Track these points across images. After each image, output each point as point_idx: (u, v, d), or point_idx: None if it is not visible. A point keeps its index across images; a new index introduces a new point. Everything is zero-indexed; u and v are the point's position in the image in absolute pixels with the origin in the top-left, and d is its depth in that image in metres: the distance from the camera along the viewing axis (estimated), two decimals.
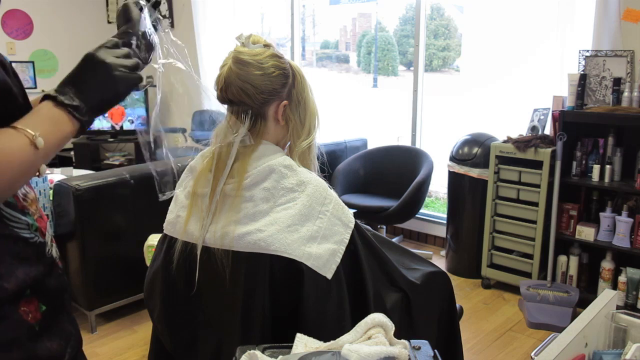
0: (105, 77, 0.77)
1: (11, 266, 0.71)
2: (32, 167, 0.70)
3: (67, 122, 0.74)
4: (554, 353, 0.97)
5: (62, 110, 0.74)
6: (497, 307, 3.01)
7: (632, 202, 2.76)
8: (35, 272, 0.74)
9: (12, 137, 0.68)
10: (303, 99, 1.24)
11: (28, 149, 0.68)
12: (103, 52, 0.78)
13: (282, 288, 1.12)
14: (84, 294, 2.70)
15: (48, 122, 0.72)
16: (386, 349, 0.82)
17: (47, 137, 0.71)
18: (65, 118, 0.74)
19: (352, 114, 7.11)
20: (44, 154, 0.71)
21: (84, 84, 0.76)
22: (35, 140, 0.69)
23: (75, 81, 0.76)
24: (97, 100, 0.77)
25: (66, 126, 0.74)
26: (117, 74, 0.78)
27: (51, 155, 0.74)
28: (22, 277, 0.72)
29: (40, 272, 0.75)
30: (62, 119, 0.74)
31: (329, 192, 1.19)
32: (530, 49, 3.19)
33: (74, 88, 0.75)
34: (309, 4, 6.88)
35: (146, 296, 1.34)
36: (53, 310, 0.78)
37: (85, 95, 0.76)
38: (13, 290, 0.71)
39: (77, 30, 5.13)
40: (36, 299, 0.75)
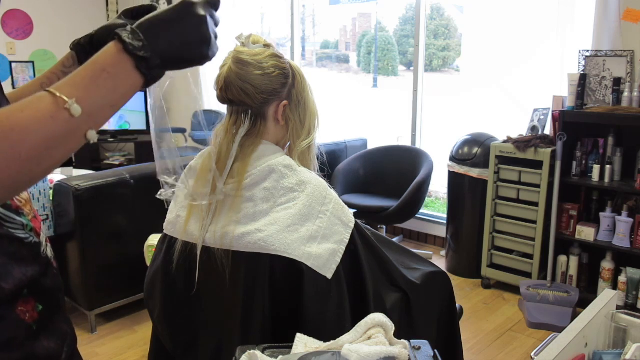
0: (192, 31, 0.68)
1: (8, 266, 0.70)
2: (71, 137, 0.61)
3: (130, 75, 0.64)
4: (554, 353, 0.97)
5: (127, 60, 0.64)
6: (497, 307, 3.01)
7: (632, 202, 2.76)
8: (32, 272, 0.74)
9: (42, 103, 0.59)
10: (303, 99, 1.24)
11: (62, 116, 0.59)
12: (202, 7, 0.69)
13: (282, 288, 1.12)
14: (84, 294, 2.70)
15: (103, 74, 0.62)
16: (386, 349, 0.82)
17: (96, 96, 0.62)
18: (128, 70, 0.64)
19: (352, 114, 7.11)
20: (86, 119, 0.60)
21: (163, 30, 0.66)
22: (70, 108, 0.59)
23: (154, 24, 0.66)
24: (171, 55, 0.67)
25: (127, 80, 0.64)
26: (207, 34, 0.69)
27: (103, 118, 0.64)
28: (19, 277, 0.72)
29: (37, 272, 0.75)
30: (123, 71, 0.64)
31: (329, 192, 1.19)
32: (530, 49, 3.19)
33: (148, 32, 0.65)
34: (309, 4, 6.87)
35: (146, 296, 1.34)
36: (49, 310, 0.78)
37: (159, 45, 0.65)
38: (11, 290, 0.70)
39: (77, 30, 5.12)
40: (33, 299, 0.75)
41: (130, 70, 0.64)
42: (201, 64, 0.73)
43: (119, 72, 0.63)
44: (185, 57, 0.70)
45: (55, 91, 0.59)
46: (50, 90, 0.59)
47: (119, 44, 0.64)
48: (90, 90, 0.62)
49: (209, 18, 0.69)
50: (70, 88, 0.60)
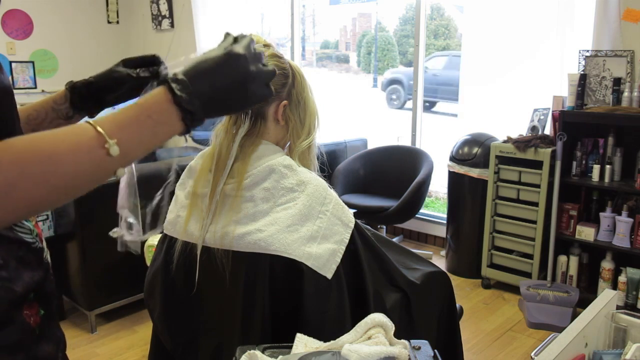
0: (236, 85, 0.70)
1: (17, 270, 0.71)
2: (102, 174, 0.61)
3: (174, 125, 0.65)
4: (554, 353, 0.97)
5: (175, 111, 0.65)
6: (497, 307, 3.01)
7: (632, 202, 2.76)
8: (38, 277, 0.75)
9: (83, 138, 0.59)
10: (303, 98, 1.24)
11: (98, 154, 0.59)
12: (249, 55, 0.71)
13: (282, 288, 1.12)
14: (84, 294, 2.70)
15: (147, 121, 0.63)
16: (386, 349, 0.82)
17: (136, 139, 0.62)
18: (174, 120, 0.65)
19: (352, 114, 7.11)
20: (120, 159, 0.61)
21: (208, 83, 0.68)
22: (110, 148, 0.59)
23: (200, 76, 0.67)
24: (214, 107, 0.69)
25: (170, 129, 0.65)
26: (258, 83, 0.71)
27: (135, 158, 0.64)
28: (28, 280, 0.72)
29: (41, 277, 0.76)
30: (168, 120, 0.65)
31: (329, 192, 1.19)
32: (530, 49, 3.19)
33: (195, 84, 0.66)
34: (309, 4, 6.87)
35: (146, 296, 1.34)
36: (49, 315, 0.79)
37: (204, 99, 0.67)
38: (21, 293, 0.71)
39: (77, 30, 5.13)
40: (36, 303, 0.76)
41: (175, 121, 0.65)
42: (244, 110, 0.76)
43: (164, 120, 0.65)
44: (227, 107, 0.72)
45: (100, 128, 0.59)
46: (94, 125, 0.59)
47: (169, 94, 0.65)
48: (132, 132, 0.62)
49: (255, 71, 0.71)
50: (113, 127, 0.61)
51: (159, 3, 5.09)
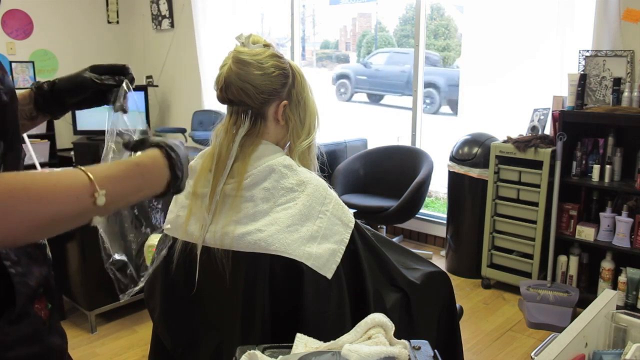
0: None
1: (29, 266, 0.73)
2: (82, 219, 0.63)
3: (159, 186, 0.71)
4: (554, 353, 0.97)
5: (167, 175, 0.71)
6: (497, 307, 3.01)
7: (632, 202, 2.76)
8: (45, 272, 0.77)
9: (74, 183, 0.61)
10: (303, 98, 1.24)
11: (84, 201, 0.61)
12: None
13: (282, 288, 1.12)
14: (84, 294, 2.70)
15: (138, 178, 0.68)
16: (386, 349, 0.82)
17: (122, 193, 0.65)
18: (162, 182, 0.71)
19: (352, 114, 7.11)
20: (103, 209, 0.63)
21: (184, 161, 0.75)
22: (97, 198, 0.61)
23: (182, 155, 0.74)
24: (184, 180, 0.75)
25: (154, 189, 0.71)
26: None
27: (114, 210, 0.67)
28: (38, 275, 0.75)
29: (47, 271, 0.78)
30: (157, 181, 0.71)
31: (328, 192, 1.19)
32: (530, 49, 3.18)
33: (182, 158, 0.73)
34: (309, 4, 6.87)
35: (146, 296, 1.34)
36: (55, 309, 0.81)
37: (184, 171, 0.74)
38: (34, 288, 0.74)
39: (77, 30, 5.13)
40: (45, 298, 0.78)
41: (163, 184, 0.71)
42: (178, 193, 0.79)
43: (153, 181, 0.70)
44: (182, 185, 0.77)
45: (92, 176, 0.62)
46: (88, 173, 0.62)
47: (165, 159, 0.71)
48: (121, 187, 0.65)
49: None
50: (105, 179, 0.63)
51: (159, 3, 5.09)
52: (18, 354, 0.70)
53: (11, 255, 0.70)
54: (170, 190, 0.72)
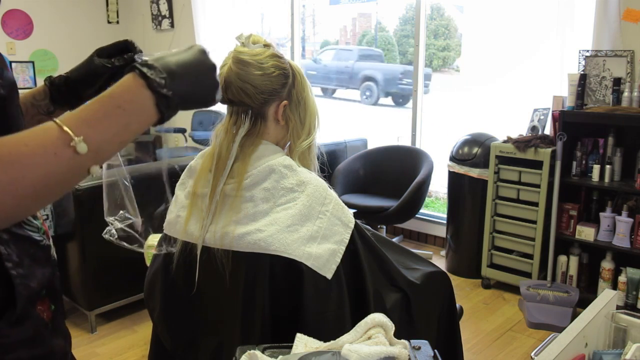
0: (207, 77, 0.70)
1: (31, 267, 0.72)
2: (73, 174, 0.58)
3: (147, 112, 0.62)
4: (554, 353, 0.97)
5: (149, 96, 0.62)
6: (497, 307, 3.01)
7: (632, 202, 2.76)
8: (48, 273, 0.76)
9: (47, 138, 0.56)
10: (303, 99, 1.24)
11: (64, 154, 0.56)
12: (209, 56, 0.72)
13: (282, 288, 1.12)
14: (84, 294, 2.70)
15: (117, 111, 0.60)
16: (386, 349, 0.82)
17: (107, 133, 0.59)
18: (148, 106, 0.62)
19: (352, 114, 7.12)
20: (92, 156, 0.58)
21: (183, 72, 0.66)
22: (77, 145, 0.56)
23: (174, 64, 0.65)
24: (188, 97, 0.67)
25: (144, 117, 0.62)
26: (214, 78, 0.72)
27: (110, 154, 0.61)
28: (40, 277, 0.74)
29: (50, 273, 0.78)
30: (142, 108, 0.62)
31: (328, 192, 1.19)
32: (530, 49, 3.19)
33: (169, 71, 0.64)
34: (309, 4, 6.87)
35: (146, 296, 1.34)
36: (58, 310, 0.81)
37: (179, 85, 0.64)
38: (36, 289, 0.73)
39: (77, 30, 5.13)
40: (48, 299, 0.77)
41: (149, 108, 0.62)
42: (207, 107, 0.73)
43: (135, 109, 0.61)
44: (198, 99, 0.70)
45: (63, 124, 0.56)
46: (58, 122, 0.56)
47: (140, 79, 0.62)
48: (100, 127, 0.59)
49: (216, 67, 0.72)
50: (79, 123, 0.57)
51: (159, 3, 5.09)
52: (19, 357, 0.69)
53: (13, 256, 0.69)
54: (162, 111, 0.63)
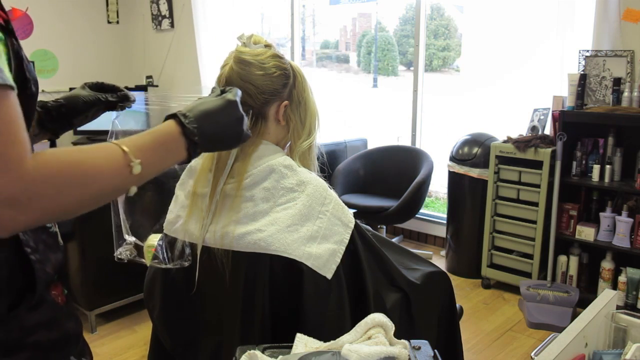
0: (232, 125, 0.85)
1: (45, 253, 0.76)
2: (122, 189, 0.71)
3: (178, 152, 0.77)
4: (554, 353, 0.97)
5: (182, 139, 0.77)
6: (497, 307, 3.01)
7: (632, 202, 2.76)
8: (60, 258, 0.80)
9: (111, 156, 0.69)
10: (303, 99, 1.24)
11: (124, 172, 0.69)
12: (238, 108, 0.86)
13: (282, 288, 1.12)
14: (84, 294, 2.70)
15: (161, 148, 0.75)
16: (386, 349, 0.82)
17: (150, 163, 0.72)
18: (180, 148, 0.77)
19: (352, 114, 7.12)
20: (138, 178, 0.71)
21: (210, 120, 0.81)
22: (133, 167, 0.70)
23: (203, 113, 0.80)
24: (214, 141, 0.82)
25: (175, 155, 0.77)
26: (241, 129, 0.86)
27: (145, 179, 0.74)
28: (54, 262, 0.78)
29: (62, 258, 0.81)
30: (176, 148, 0.77)
31: (329, 192, 1.19)
32: (530, 49, 3.19)
33: (198, 119, 0.79)
34: (309, 4, 6.87)
35: (146, 296, 1.34)
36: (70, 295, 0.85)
37: (206, 131, 0.79)
38: (51, 274, 0.77)
39: (77, 30, 5.13)
40: (60, 284, 0.81)
41: (182, 150, 0.77)
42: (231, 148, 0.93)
43: (173, 149, 0.76)
44: (223, 144, 0.87)
45: (126, 148, 0.69)
46: (121, 146, 0.69)
47: (179, 127, 0.77)
48: (149, 156, 0.72)
49: (245, 117, 0.87)
50: (135, 149, 0.70)
51: (159, 3, 5.09)
52: (38, 339, 0.73)
53: (30, 242, 0.73)
54: (190, 154, 0.78)
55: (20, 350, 0.71)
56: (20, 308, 0.71)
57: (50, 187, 0.61)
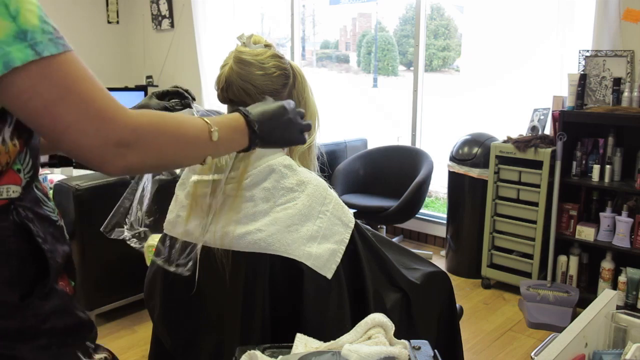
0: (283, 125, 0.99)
1: (53, 244, 0.79)
2: (203, 152, 0.84)
3: (243, 138, 0.91)
4: (554, 353, 0.97)
5: (246, 128, 0.91)
6: (497, 307, 3.01)
7: (632, 202, 2.76)
8: (67, 250, 0.84)
9: (196, 121, 0.83)
10: (303, 99, 1.24)
11: (205, 136, 0.82)
12: (292, 111, 1.01)
13: (282, 288, 1.12)
14: (84, 294, 2.70)
15: (231, 129, 0.89)
16: (386, 349, 0.82)
17: (223, 137, 0.85)
18: (244, 135, 0.91)
19: (352, 114, 7.12)
20: (214, 147, 0.85)
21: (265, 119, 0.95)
22: (213, 133, 0.83)
23: (264, 116, 0.95)
24: (268, 138, 0.96)
25: (240, 140, 0.91)
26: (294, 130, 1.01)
27: (219, 153, 0.91)
28: (62, 253, 0.81)
29: (69, 250, 0.84)
30: (241, 134, 0.91)
31: (329, 192, 1.19)
32: (530, 49, 3.18)
33: (260, 120, 0.94)
34: (309, 4, 6.87)
35: (146, 296, 1.34)
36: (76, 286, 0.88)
37: (264, 131, 0.94)
38: (60, 264, 0.80)
39: (77, 30, 5.13)
40: (66, 275, 0.85)
41: (245, 136, 0.92)
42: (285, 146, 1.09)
43: (239, 133, 0.91)
44: (277, 140, 1.00)
45: (206, 119, 0.84)
46: (204, 119, 0.84)
47: (243, 117, 0.92)
48: (224, 131, 0.85)
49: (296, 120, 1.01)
50: (214, 123, 0.84)
51: (159, 3, 5.09)
52: (54, 325, 0.76)
53: (40, 233, 0.75)
54: (252, 143, 0.92)
55: (37, 336, 0.73)
56: (33, 297, 0.73)
57: (151, 131, 0.73)
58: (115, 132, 0.68)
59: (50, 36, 0.65)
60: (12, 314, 0.71)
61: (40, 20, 0.64)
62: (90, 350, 0.86)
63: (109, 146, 0.68)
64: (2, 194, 0.70)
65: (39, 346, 0.73)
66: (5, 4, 0.61)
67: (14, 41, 0.61)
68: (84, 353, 0.83)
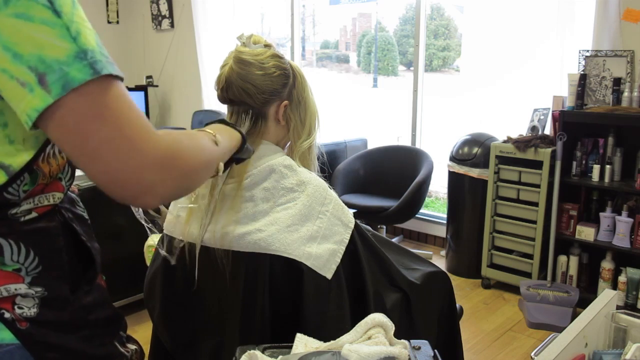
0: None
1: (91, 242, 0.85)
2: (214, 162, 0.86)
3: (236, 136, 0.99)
4: (554, 353, 0.97)
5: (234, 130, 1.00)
6: (497, 307, 3.01)
7: (632, 202, 2.76)
8: (98, 248, 0.89)
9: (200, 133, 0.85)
10: (303, 99, 1.24)
11: (212, 145, 0.85)
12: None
13: (282, 288, 1.12)
14: None
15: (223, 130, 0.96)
16: (386, 349, 0.82)
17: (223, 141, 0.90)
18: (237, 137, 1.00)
19: (352, 114, 7.12)
20: (220, 152, 0.88)
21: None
22: (216, 138, 0.86)
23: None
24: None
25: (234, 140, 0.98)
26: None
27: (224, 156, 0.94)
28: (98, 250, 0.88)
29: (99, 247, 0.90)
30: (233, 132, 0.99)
31: (329, 192, 1.19)
32: (530, 49, 3.19)
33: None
34: (309, 4, 6.88)
35: (146, 296, 1.34)
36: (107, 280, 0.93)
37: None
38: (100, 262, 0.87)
39: None
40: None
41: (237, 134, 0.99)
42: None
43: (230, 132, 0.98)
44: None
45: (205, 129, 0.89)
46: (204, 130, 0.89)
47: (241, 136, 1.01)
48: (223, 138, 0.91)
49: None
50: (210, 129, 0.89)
51: (159, 3, 5.09)
52: (98, 317, 0.83)
53: (82, 231, 0.83)
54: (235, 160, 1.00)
55: (83, 327, 0.79)
56: (80, 290, 0.80)
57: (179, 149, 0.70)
58: (150, 152, 0.64)
59: (108, 59, 0.65)
60: (65, 307, 0.76)
61: (97, 44, 0.64)
62: (124, 340, 0.92)
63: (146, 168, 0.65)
64: (49, 200, 0.76)
65: (83, 337, 0.79)
66: (66, 27, 0.61)
67: (74, 61, 0.60)
68: (119, 343, 0.89)
